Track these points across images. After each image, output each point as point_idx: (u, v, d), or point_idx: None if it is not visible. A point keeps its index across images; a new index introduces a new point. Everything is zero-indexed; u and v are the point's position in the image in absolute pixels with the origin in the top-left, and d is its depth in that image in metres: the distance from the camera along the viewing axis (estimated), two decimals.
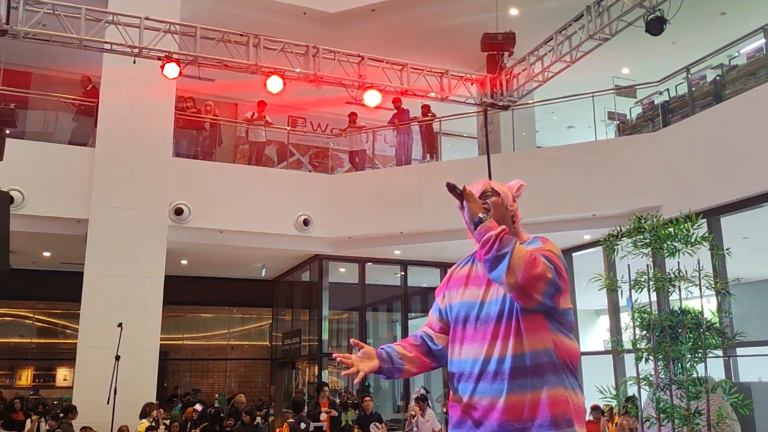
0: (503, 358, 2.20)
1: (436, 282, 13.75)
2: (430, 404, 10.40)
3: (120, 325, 8.29)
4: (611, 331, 11.52)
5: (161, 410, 11.92)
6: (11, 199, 10.13)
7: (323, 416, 9.34)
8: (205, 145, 12.57)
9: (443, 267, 13.42)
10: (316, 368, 12.68)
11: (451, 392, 2.42)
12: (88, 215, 10.57)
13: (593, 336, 13.78)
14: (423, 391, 10.92)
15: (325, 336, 12.74)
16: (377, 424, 9.91)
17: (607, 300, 11.30)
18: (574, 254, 12.27)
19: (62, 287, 12.98)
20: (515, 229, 2.54)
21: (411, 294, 13.48)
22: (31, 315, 15.14)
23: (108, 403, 7.92)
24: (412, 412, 10.25)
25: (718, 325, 6.34)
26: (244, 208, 11.54)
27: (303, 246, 12.24)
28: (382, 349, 2.52)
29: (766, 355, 8.48)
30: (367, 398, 10.48)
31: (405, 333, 13.26)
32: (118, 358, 8.13)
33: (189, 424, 10.28)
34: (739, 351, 8.59)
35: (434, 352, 2.56)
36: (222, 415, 10.82)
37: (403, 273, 13.41)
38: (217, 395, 13.60)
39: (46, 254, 12.73)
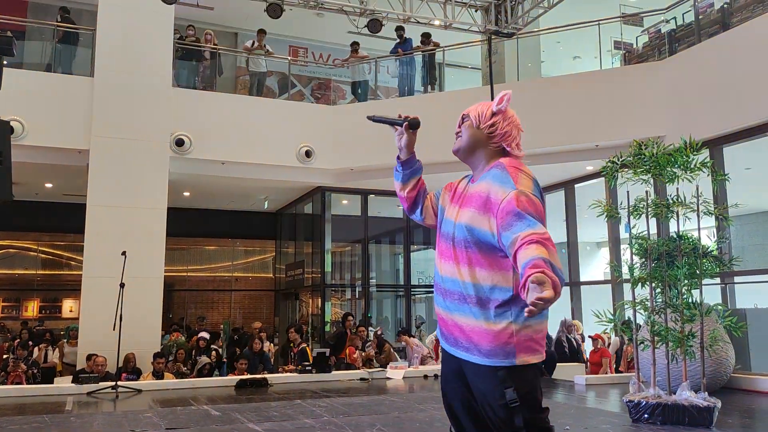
0: (460, 282, 2.29)
1: None
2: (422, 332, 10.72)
3: (124, 253, 8.37)
4: (611, 261, 11.62)
5: (178, 333, 12.19)
6: (11, 129, 10.11)
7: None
8: (206, 76, 12.44)
9: None
10: (320, 299, 12.87)
11: None
12: (89, 146, 10.55)
13: (594, 267, 13.90)
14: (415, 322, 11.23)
15: (327, 268, 12.87)
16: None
17: (608, 231, 11.36)
18: (576, 185, 12.30)
19: (65, 219, 13.10)
20: (492, 147, 2.42)
21: (413, 226, 13.54)
22: (35, 247, 15.28)
23: (114, 329, 8.07)
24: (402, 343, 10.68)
25: (715, 252, 6.38)
26: (246, 140, 11.50)
27: (305, 177, 12.24)
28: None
29: (762, 282, 8.56)
30: (362, 328, 10.82)
31: (408, 265, 13.40)
32: (122, 285, 8.23)
33: (194, 351, 10.49)
34: (736, 279, 8.67)
35: (418, 201, 2.67)
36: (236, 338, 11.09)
37: None
38: (222, 324, 13.86)
39: (49, 185, 12.76)
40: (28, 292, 15.43)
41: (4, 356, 10.45)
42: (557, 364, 9.28)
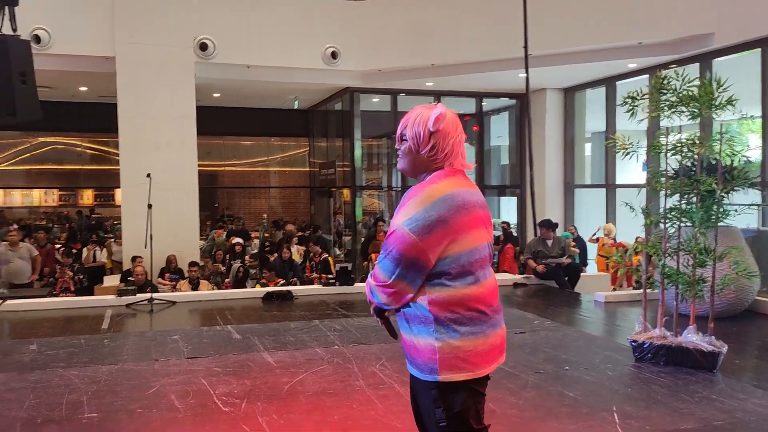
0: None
1: (471, 111, 13.47)
2: None
3: (149, 176, 8.53)
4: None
5: (221, 230, 12.68)
6: (38, 39, 10.12)
7: None
8: None
9: (478, 96, 13.07)
10: (351, 192, 13.02)
11: None
12: (114, 53, 10.52)
13: (631, 164, 13.47)
14: None
15: (358, 164, 12.91)
16: None
17: (648, 126, 10.77)
18: (617, 83, 11.74)
19: (105, 119, 13.30)
20: (435, 167, 2.33)
21: None
22: (80, 143, 15.74)
23: (145, 248, 8.43)
24: None
25: (747, 171, 6.07)
26: (270, 42, 11.24)
27: (332, 79, 12.00)
28: None
29: None
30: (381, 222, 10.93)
31: None
32: (150, 206, 8.47)
33: (228, 255, 10.91)
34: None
35: None
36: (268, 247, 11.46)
37: (437, 102, 13.10)
38: (258, 225, 14.27)
39: (83, 89, 12.89)
40: (81, 183, 16.15)
41: (56, 258, 11.06)
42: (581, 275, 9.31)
